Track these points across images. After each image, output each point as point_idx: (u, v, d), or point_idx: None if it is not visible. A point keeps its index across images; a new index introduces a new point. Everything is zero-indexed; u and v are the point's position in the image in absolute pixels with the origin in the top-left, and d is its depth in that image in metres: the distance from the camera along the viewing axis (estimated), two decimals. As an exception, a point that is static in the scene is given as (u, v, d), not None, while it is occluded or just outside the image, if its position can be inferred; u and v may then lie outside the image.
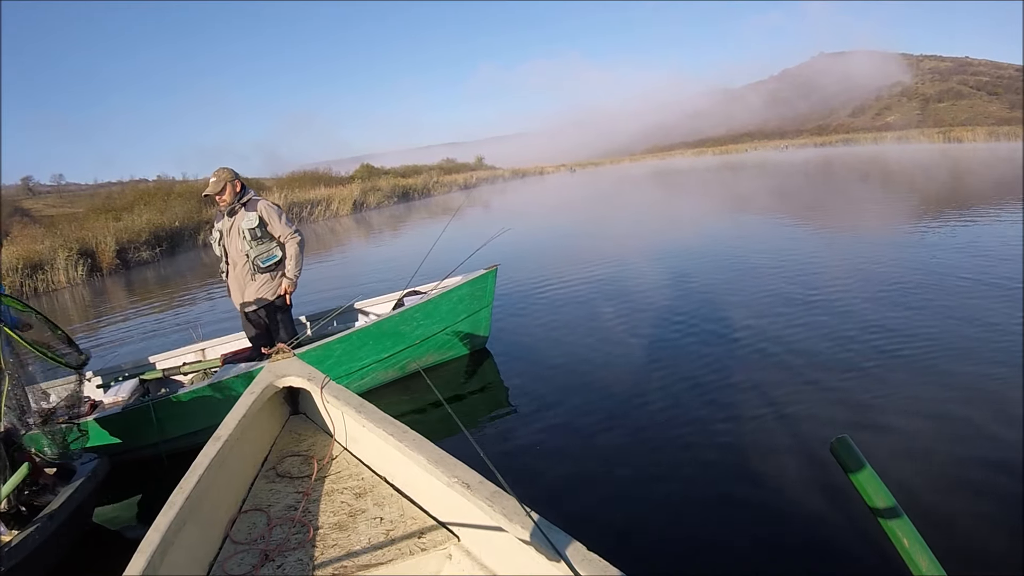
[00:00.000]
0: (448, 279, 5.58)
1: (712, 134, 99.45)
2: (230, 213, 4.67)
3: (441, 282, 5.61)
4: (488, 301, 5.51)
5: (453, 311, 5.27)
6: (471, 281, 5.28)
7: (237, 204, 4.64)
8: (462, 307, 5.32)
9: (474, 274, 5.32)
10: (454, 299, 5.23)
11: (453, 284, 5.29)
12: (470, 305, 5.37)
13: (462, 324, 5.40)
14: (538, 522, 1.55)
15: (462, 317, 5.36)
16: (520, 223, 15.36)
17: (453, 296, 5.21)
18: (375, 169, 44.51)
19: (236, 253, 4.71)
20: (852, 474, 1.34)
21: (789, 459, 3.41)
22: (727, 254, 9.56)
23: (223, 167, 4.65)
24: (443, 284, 5.52)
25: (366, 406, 2.43)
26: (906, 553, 1.25)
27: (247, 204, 4.66)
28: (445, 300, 5.18)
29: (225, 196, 4.58)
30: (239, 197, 4.65)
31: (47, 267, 16.48)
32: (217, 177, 4.58)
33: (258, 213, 4.63)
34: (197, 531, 1.93)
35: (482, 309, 5.49)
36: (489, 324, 5.68)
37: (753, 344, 5.23)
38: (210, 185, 4.58)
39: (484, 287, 5.40)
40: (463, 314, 5.35)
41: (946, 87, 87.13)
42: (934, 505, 2.87)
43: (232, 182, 4.60)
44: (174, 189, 29.58)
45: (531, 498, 1.74)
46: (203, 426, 4.07)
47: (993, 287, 6.25)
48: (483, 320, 5.57)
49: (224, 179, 4.57)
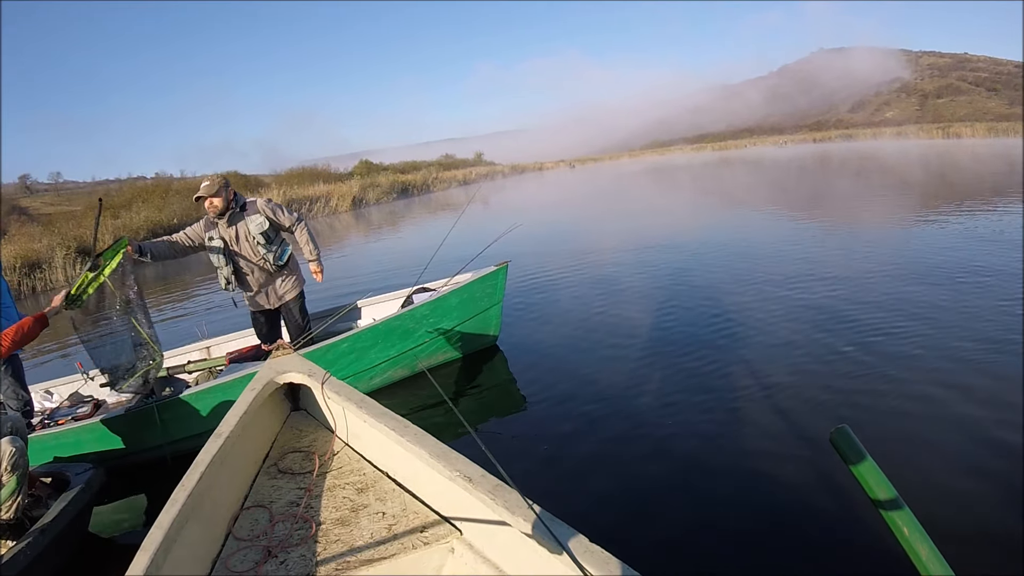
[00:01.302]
0: (458, 276, 5.46)
1: (712, 130, 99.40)
2: (231, 221, 4.56)
3: (451, 279, 5.51)
4: (499, 298, 5.39)
5: (463, 308, 5.18)
6: (481, 278, 5.17)
7: (236, 209, 4.56)
8: (472, 304, 5.22)
9: (484, 271, 5.22)
10: (464, 296, 5.13)
11: (463, 281, 5.19)
12: (480, 302, 5.28)
13: (472, 322, 5.30)
14: (540, 515, 1.56)
15: (472, 315, 5.26)
16: (525, 219, 15.35)
17: (463, 293, 5.11)
18: (374, 165, 44.47)
19: (252, 258, 4.63)
20: (852, 464, 1.34)
21: (791, 450, 3.43)
22: (730, 246, 9.55)
23: (216, 174, 4.59)
24: (453, 281, 5.42)
25: (367, 401, 2.44)
26: (906, 542, 1.26)
27: (246, 208, 4.59)
28: (455, 297, 5.08)
29: (218, 201, 4.47)
30: (232, 202, 4.56)
31: (45, 265, 16.47)
32: (211, 181, 4.49)
33: (263, 214, 4.58)
34: (200, 528, 1.94)
35: (492, 306, 5.38)
36: (500, 321, 5.58)
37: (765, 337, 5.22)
38: (203, 187, 4.47)
39: (495, 284, 5.29)
40: (473, 312, 5.26)
41: (945, 83, 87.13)
42: (935, 494, 2.88)
43: (226, 189, 4.51)
44: (172, 187, 29.60)
45: (539, 494, 1.74)
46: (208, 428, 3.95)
47: (990, 277, 6.26)
48: (493, 317, 5.46)
49: (218, 183, 4.48)
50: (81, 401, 4.85)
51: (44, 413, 4.72)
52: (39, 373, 6.96)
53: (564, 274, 8.69)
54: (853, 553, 2.59)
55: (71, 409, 4.68)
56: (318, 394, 2.67)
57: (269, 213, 4.61)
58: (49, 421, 4.48)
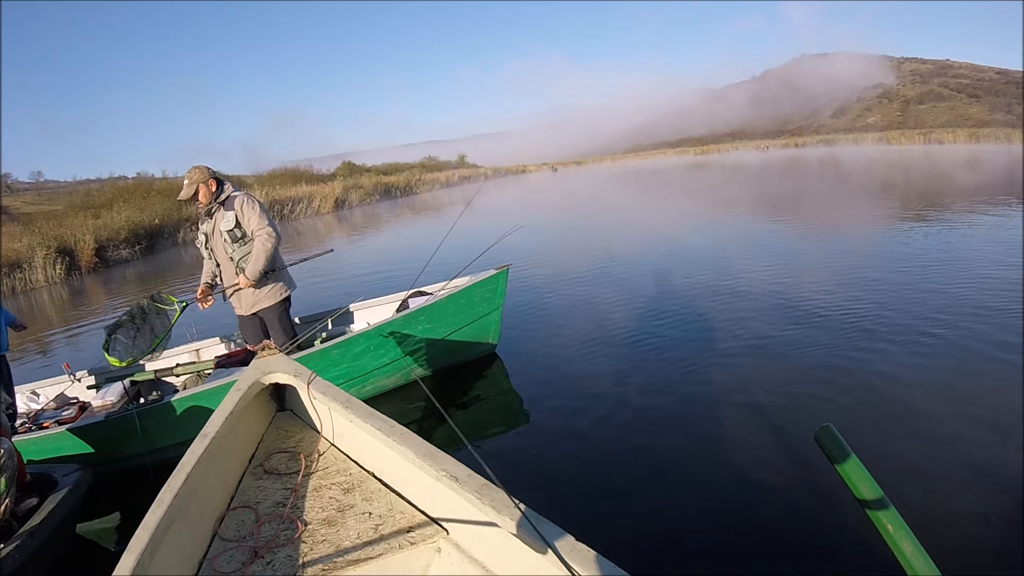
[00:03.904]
0: (456, 279, 5.28)
1: (694, 134, 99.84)
2: (210, 214, 4.45)
3: (449, 283, 5.36)
4: (499, 303, 5.18)
5: (461, 314, 4.98)
6: (481, 282, 4.97)
7: (215, 203, 4.40)
8: (471, 310, 5.03)
9: (484, 274, 5.03)
10: (462, 301, 4.94)
11: (462, 285, 4.99)
12: (479, 308, 5.08)
13: (470, 328, 5.09)
14: (527, 514, 1.56)
15: (470, 321, 5.05)
16: (520, 220, 15.38)
17: (461, 298, 4.92)
18: (357, 167, 44.40)
19: (222, 257, 4.49)
20: (837, 463, 1.36)
21: (777, 450, 3.47)
22: (718, 248, 9.64)
23: (196, 167, 4.39)
24: (451, 285, 5.26)
25: (353, 402, 2.43)
26: (892, 540, 1.27)
27: (225, 203, 4.42)
28: (452, 302, 4.88)
29: (201, 198, 4.34)
30: (216, 196, 4.40)
31: (25, 266, 16.29)
32: (189, 179, 4.33)
33: (235, 212, 4.38)
34: (186, 529, 1.93)
35: (492, 312, 5.17)
36: (499, 328, 5.36)
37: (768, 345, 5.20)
38: (183, 189, 4.33)
39: (494, 288, 5.08)
40: (472, 317, 5.05)
41: (927, 89, 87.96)
42: (923, 495, 2.92)
43: (206, 182, 4.34)
44: (154, 186, 29.36)
45: (526, 495, 1.74)
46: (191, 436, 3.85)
47: (973, 278, 6.37)
48: (492, 324, 5.25)
49: (196, 180, 4.32)
50: (67, 403, 4.76)
51: (29, 415, 4.60)
52: (23, 372, 6.85)
53: (566, 278, 8.60)
54: (838, 552, 2.62)
55: (56, 412, 4.58)
56: (304, 394, 2.66)
57: (239, 211, 4.38)
58: (32, 425, 4.38)
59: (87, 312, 11.55)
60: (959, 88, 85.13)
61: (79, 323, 10.43)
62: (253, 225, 4.37)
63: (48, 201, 37.54)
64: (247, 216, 4.37)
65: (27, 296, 15.15)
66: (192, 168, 4.39)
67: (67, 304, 13.30)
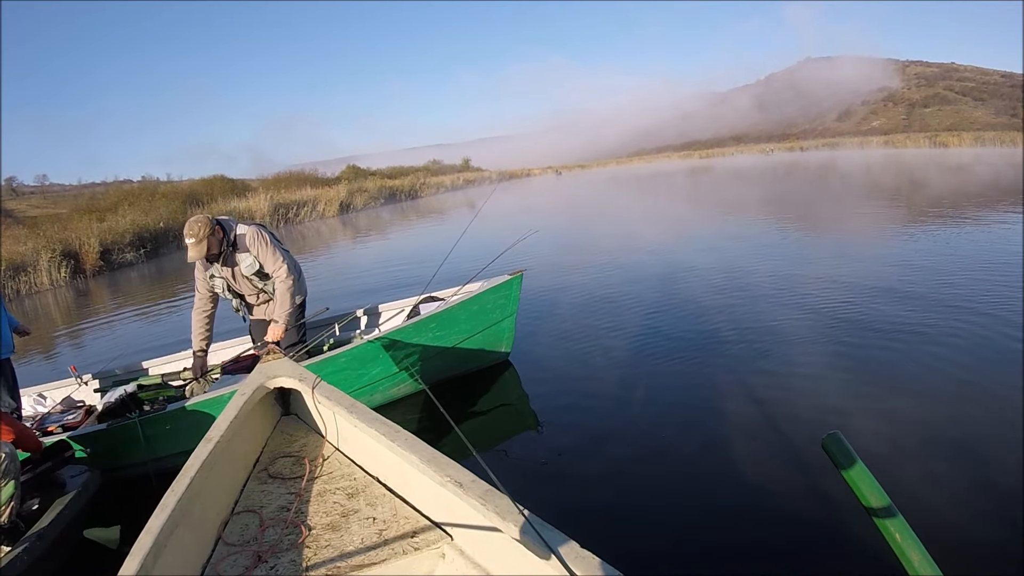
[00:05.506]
0: (469, 284, 5.10)
1: (699, 137, 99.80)
2: (225, 263, 4.38)
3: (461, 288, 5.17)
4: (512, 310, 5.00)
5: (473, 321, 4.82)
6: (494, 288, 4.80)
7: (228, 249, 4.32)
8: (483, 316, 4.86)
9: (497, 280, 4.86)
10: (474, 308, 4.77)
11: (475, 291, 4.83)
12: (492, 314, 4.90)
13: (483, 335, 4.93)
14: (531, 520, 1.56)
15: (483, 328, 4.89)
16: (529, 224, 15.34)
17: (473, 304, 4.75)
18: (361, 170, 44.41)
19: (252, 291, 4.52)
20: (844, 469, 1.35)
21: (784, 457, 3.46)
22: (730, 253, 9.61)
23: (194, 221, 4.20)
24: (464, 290, 5.10)
25: (357, 406, 2.43)
26: (898, 548, 1.27)
27: (236, 243, 4.34)
28: (464, 309, 4.72)
29: (212, 250, 4.25)
30: (224, 241, 4.30)
31: (30, 269, 16.33)
32: (196, 237, 4.15)
33: (252, 254, 4.34)
34: (190, 533, 1.93)
35: (505, 319, 5.00)
36: (513, 335, 5.18)
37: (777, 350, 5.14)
38: (192, 250, 4.18)
39: (508, 295, 4.91)
40: (484, 324, 4.89)
41: (932, 92, 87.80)
42: (927, 501, 2.90)
43: (211, 235, 4.20)
44: (159, 190, 29.46)
45: (530, 501, 1.74)
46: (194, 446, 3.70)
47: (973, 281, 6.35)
48: (506, 331, 5.08)
49: (204, 236, 4.16)
50: (73, 406, 4.73)
51: (35, 419, 4.56)
52: (30, 374, 6.85)
53: (578, 283, 8.47)
54: (844, 559, 2.60)
55: (61, 416, 4.55)
56: (308, 399, 2.66)
57: (258, 253, 4.35)
58: (37, 430, 4.31)
59: (92, 314, 11.58)
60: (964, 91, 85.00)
61: (84, 324, 10.46)
62: (272, 268, 4.38)
63: (53, 204, 37.72)
64: (263, 256, 4.36)
65: (32, 299, 15.19)
66: (190, 223, 4.21)
67: (72, 307, 13.33)
